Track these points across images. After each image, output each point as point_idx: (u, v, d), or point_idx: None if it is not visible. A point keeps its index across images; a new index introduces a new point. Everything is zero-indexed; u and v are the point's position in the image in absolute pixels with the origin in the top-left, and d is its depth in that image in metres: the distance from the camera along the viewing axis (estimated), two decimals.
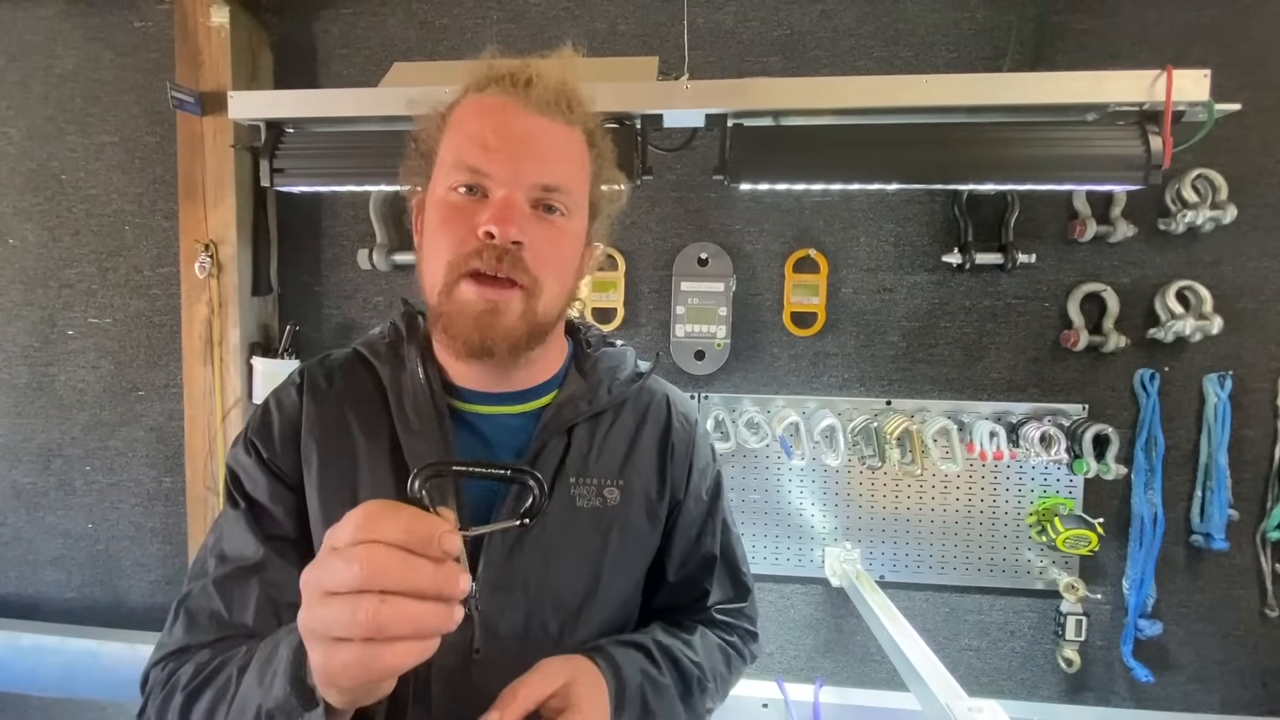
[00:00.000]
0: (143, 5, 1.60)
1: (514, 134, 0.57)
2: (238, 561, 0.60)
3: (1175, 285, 1.39)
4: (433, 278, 0.59)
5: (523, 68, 0.60)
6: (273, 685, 0.44)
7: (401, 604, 0.36)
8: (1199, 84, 0.92)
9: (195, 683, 0.53)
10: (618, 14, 1.51)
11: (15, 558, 1.73)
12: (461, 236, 0.57)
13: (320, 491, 0.62)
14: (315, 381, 0.66)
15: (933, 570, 1.49)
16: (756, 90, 1.00)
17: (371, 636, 0.36)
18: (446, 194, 0.59)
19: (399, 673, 0.38)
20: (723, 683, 0.71)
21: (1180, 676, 1.46)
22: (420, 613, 0.36)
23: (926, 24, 1.45)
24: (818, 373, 1.52)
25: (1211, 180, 1.36)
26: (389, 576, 0.36)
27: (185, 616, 0.59)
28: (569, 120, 0.60)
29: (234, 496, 0.63)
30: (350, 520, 0.38)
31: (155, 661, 0.59)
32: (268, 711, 0.44)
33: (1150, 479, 1.42)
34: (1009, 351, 1.47)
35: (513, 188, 0.57)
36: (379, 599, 0.36)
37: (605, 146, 0.66)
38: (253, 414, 0.67)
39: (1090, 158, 0.96)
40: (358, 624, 0.35)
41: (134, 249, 1.65)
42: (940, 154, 0.99)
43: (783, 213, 1.50)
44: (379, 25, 1.57)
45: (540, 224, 0.58)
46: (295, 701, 0.43)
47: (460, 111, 0.61)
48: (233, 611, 0.59)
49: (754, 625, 0.76)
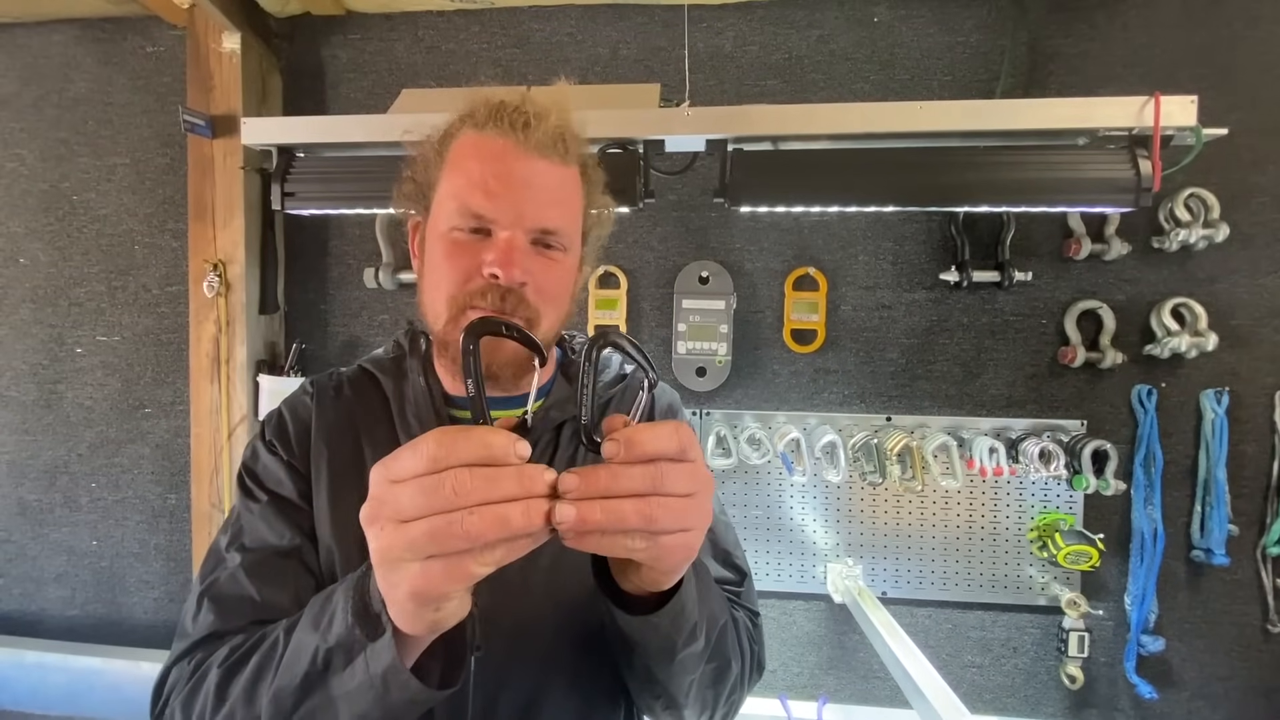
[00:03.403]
0: (155, 31, 1.64)
1: (515, 178, 0.59)
2: (266, 549, 0.60)
3: (1170, 302, 1.41)
4: (436, 309, 0.62)
5: (521, 106, 0.62)
6: (331, 624, 0.44)
7: (488, 511, 0.36)
8: (1186, 109, 0.95)
9: (233, 658, 0.51)
10: (619, 39, 1.55)
11: (20, 574, 1.74)
12: (465, 274, 0.59)
13: (330, 493, 0.64)
14: (325, 391, 0.70)
15: (935, 586, 1.49)
16: (756, 116, 1.02)
17: (465, 548, 0.36)
18: (449, 232, 0.61)
19: (489, 570, 0.38)
20: (748, 639, 0.68)
21: (1184, 693, 1.46)
22: (507, 513, 0.36)
23: (921, 48, 1.48)
24: (818, 389, 1.53)
25: (1204, 199, 1.38)
26: (477, 494, 0.36)
27: (212, 604, 0.57)
28: (565, 160, 0.63)
29: (253, 494, 0.64)
30: (418, 449, 0.37)
31: (177, 658, 0.56)
32: (326, 651, 0.43)
33: (1150, 494, 1.42)
34: (1007, 368, 1.49)
35: (515, 230, 0.59)
36: (466, 512, 0.36)
37: (596, 176, 0.69)
38: (267, 418, 0.69)
39: (1082, 181, 0.98)
40: (454, 536, 0.36)
41: (143, 268, 1.67)
42: (935, 177, 1.01)
43: (782, 231, 1.53)
44: (386, 50, 1.61)
45: (540, 259, 0.61)
46: (359, 632, 0.42)
47: (460, 149, 0.63)
48: (265, 595, 0.57)
49: (755, 608, 0.73)
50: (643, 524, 0.39)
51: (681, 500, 0.40)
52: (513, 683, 0.60)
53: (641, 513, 0.39)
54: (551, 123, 0.61)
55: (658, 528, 0.39)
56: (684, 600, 0.49)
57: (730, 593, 0.70)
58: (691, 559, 0.47)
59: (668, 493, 0.40)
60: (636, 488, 0.39)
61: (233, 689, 0.49)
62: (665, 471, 0.40)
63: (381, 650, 0.41)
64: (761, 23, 1.51)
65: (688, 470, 0.41)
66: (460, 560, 0.37)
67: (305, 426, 0.67)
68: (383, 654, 0.41)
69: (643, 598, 0.48)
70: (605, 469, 0.39)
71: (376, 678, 0.42)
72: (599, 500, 0.38)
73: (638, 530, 0.39)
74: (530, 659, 0.59)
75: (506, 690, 0.59)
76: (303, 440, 0.66)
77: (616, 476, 0.39)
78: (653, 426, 0.41)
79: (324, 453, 0.65)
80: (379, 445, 0.65)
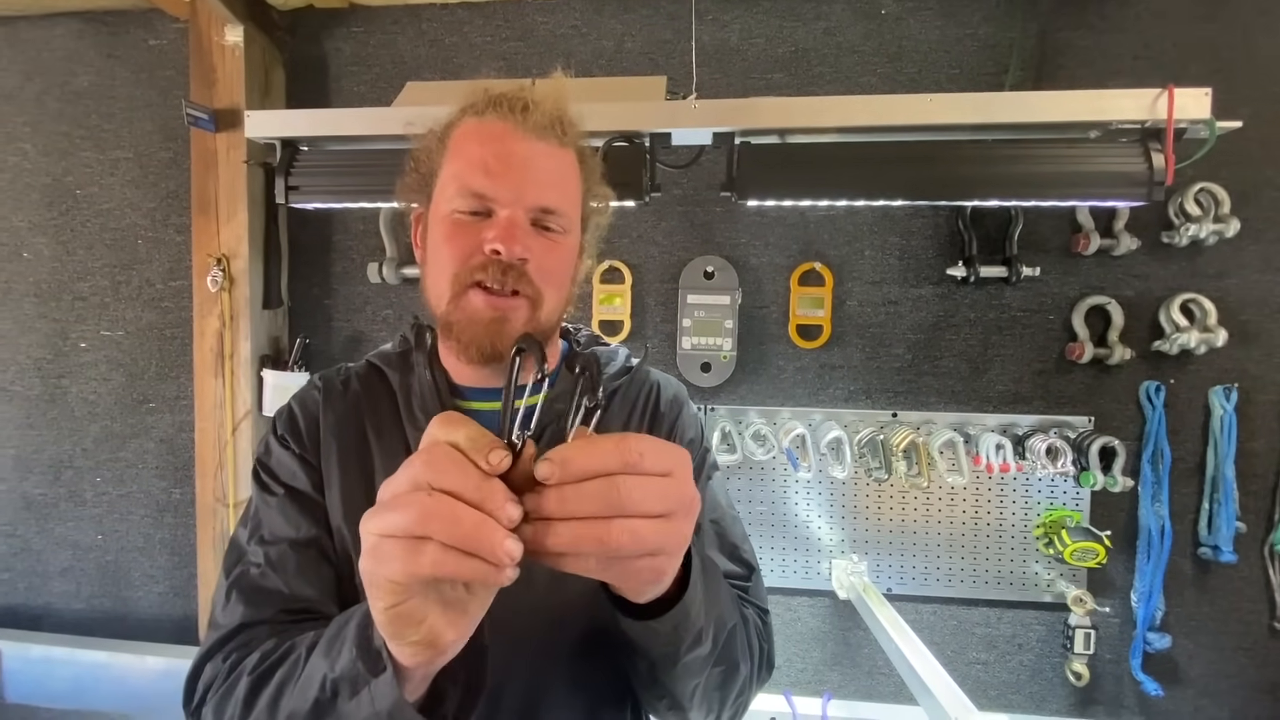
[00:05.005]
0: (158, 24, 1.63)
1: (514, 159, 0.60)
2: (286, 541, 0.61)
3: (1179, 298, 1.39)
4: (439, 289, 0.62)
5: (519, 92, 0.63)
6: (340, 654, 0.43)
7: (446, 500, 0.34)
8: (1200, 102, 0.93)
9: (262, 668, 0.51)
10: (624, 32, 1.54)
11: (25, 569, 1.74)
12: (467, 251, 0.60)
13: (341, 485, 0.64)
14: (332, 386, 0.70)
15: (940, 583, 1.49)
16: (763, 109, 1.01)
17: (416, 533, 0.34)
18: (450, 214, 0.62)
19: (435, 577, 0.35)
20: (758, 637, 0.66)
21: (1190, 690, 1.46)
22: (463, 514, 0.34)
23: (929, 41, 1.47)
24: (824, 385, 1.53)
25: (1214, 194, 1.37)
26: (445, 477, 0.34)
27: (241, 594, 0.58)
28: (562, 143, 0.64)
29: (269, 488, 0.64)
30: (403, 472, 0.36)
31: (210, 651, 0.56)
32: (333, 681, 0.43)
33: (1157, 491, 1.42)
34: (1014, 364, 1.48)
35: (515, 208, 0.60)
36: (428, 494, 0.34)
37: (593, 164, 0.69)
38: (278, 413, 0.69)
39: (1093, 174, 0.97)
40: (411, 519, 0.34)
41: (146, 263, 1.67)
42: (944, 171, 1.00)
43: (788, 226, 1.52)
44: (390, 43, 1.60)
45: (540, 239, 0.61)
46: (361, 666, 0.41)
47: (460, 135, 0.64)
48: (292, 586, 0.58)
49: (764, 605, 0.72)
50: (598, 549, 0.36)
51: (650, 522, 0.37)
52: (516, 678, 0.59)
53: (596, 538, 0.36)
54: (549, 107, 0.62)
55: (615, 552, 0.36)
56: (688, 605, 0.47)
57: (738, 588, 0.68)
58: (661, 583, 0.44)
59: (632, 513, 0.36)
60: (591, 509, 0.36)
61: (259, 702, 0.50)
62: (625, 491, 0.36)
63: (384, 687, 0.40)
64: (767, 15, 1.50)
65: (657, 489, 0.37)
66: (413, 546, 0.34)
67: (314, 420, 0.67)
68: (386, 692, 0.40)
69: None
70: (553, 492, 0.36)
71: (382, 714, 0.41)
72: (553, 523, 0.36)
73: (592, 554, 0.36)
74: (534, 655, 0.59)
75: (510, 685, 0.59)
76: (312, 434, 0.67)
77: (564, 500, 0.36)
78: (593, 440, 0.37)
79: (333, 446, 0.66)
80: (385, 438, 0.66)
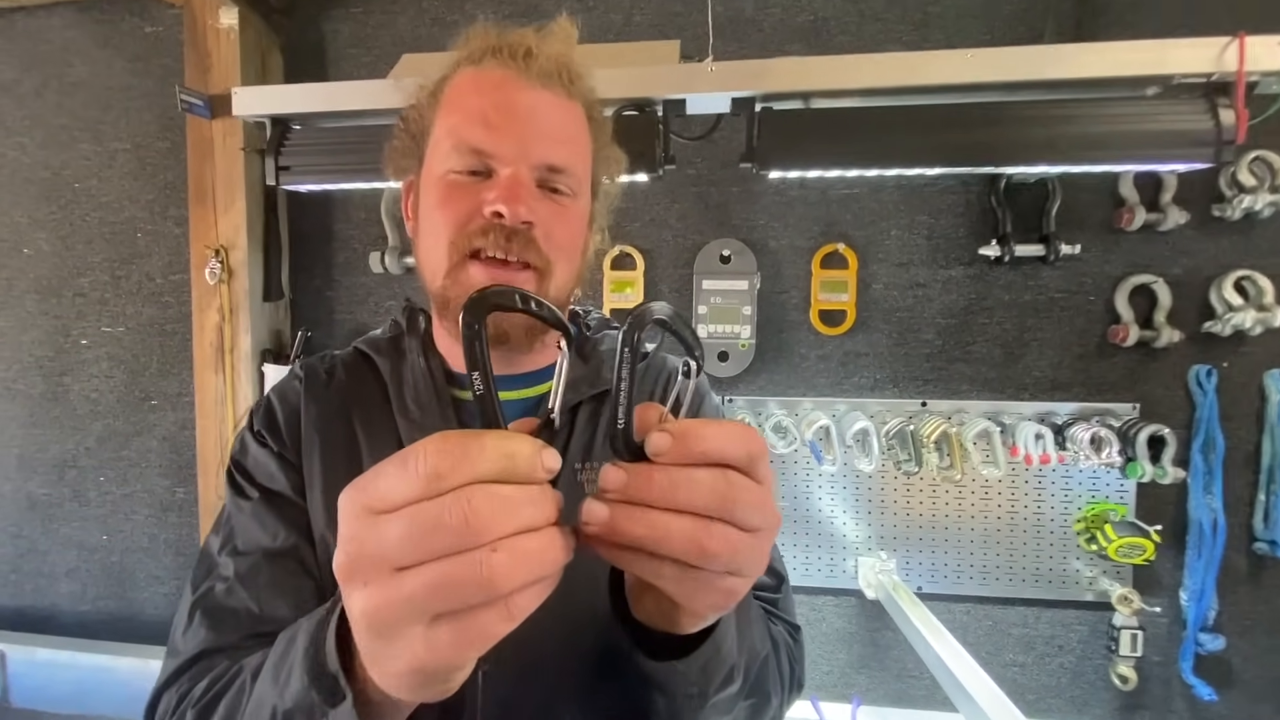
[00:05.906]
0: (153, 10, 1.59)
1: (518, 109, 0.53)
2: (260, 551, 0.54)
3: (1232, 275, 1.30)
4: (434, 261, 0.55)
5: (520, 38, 0.56)
6: (290, 680, 0.36)
7: (517, 545, 0.27)
8: (1274, 52, 0.84)
9: (207, 697, 0.45)
10: (633, 4, 1.46)
11: (32, 570, 1.72)
12: (465, 215, 0.53)
13: (323, 486, 0.58)
14: (315, 375, 0.63)
15: (974, 581, 1.41)
16: (785, 70, 0.94)
17: (489, 599, 0.27)
18: (445, 175, 0.55)
19: (514, 625, 0.29)
20: (789, 659, 0.60)
21: (1245, 695, 1.37)
22: (539, 547, 0.28)
23: (957, 6, 1.38)
24: (848, 373, 1.45)
25: (1269, 163, 1.27)
26: (497, 522, 0.27)
27: (205, 616, 0.51)
28: (570, 93, 0.57)
29: (244, 491, 0.58)
30: (408, 464, 0.27)
31: (166, 682, 0.50)
32: (284, 714, 0.36)
33: (1209, 483, 1.33)
34: (1052, 348, 1.39)
35: (519, 165, 0.53)
36: (489, 550, 0.27)
37: (603, 121, 0.62)
38: (254, 407, 0.63)
39: (1153, 134, 0.88)
40: (474, 584, 0.26)
41: (146, 256, 1.63)
42: (985, 135, 0.92)
43: (808, 206, 1.44)
44: (389, 23, 1.54)
45: (548, 203, 0.55)
46: (316, 697, 0.34)
47: (456, 86, 0.57)
48: (264, 603, 0.52)
49: (794, 620, 0.66)
50: (689, 553, 0.29)
51: (744, 536, 0.30)
52: (522, 702, 0.53)
53: (693, 539, 0.29)
54: (554, 52, 0.55)
55: (708, 563, 0.30)
56: (719, 641, 0.39)
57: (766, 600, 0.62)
58: (727, 609, 0.36)
59: (735, 521, 0.30)
60: (700, 504, 0.29)
61: None
62: (738, 491, 0.30)
63: (342, 718, 0.33)
64: None
65: (759, 497, 0.31)
66: (477, 617, 0.27)
67: (295, 414, 0.60)
68: None
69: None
70: (663, 470, 0.29)
71: None
72: (643, 510, 0.29)
73: (680, 559, 0.30)
74: (540, 677, 0.53)
75: (515, 710, 0.53)
76: (293, 429, 0.60)
77: (677, 484, 0.29)
78: (715, 422, 0.31)
79: (315, 441, 0.59)
80: (375, 432, 0.59)
